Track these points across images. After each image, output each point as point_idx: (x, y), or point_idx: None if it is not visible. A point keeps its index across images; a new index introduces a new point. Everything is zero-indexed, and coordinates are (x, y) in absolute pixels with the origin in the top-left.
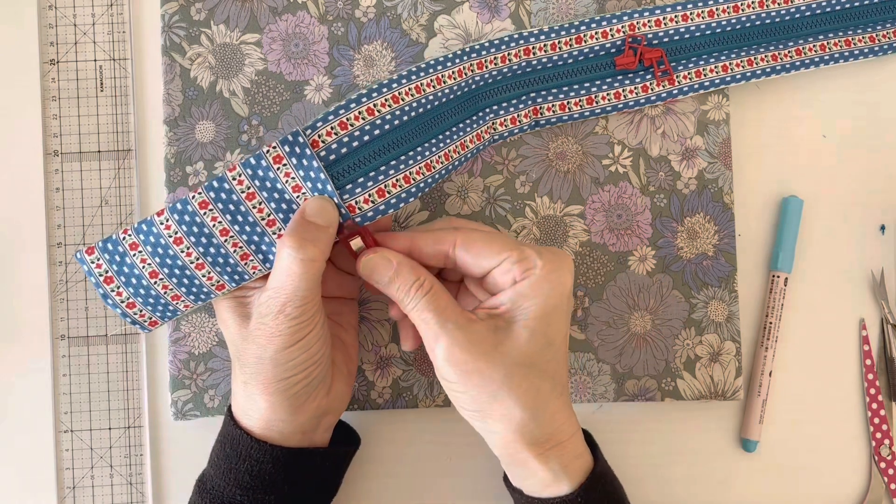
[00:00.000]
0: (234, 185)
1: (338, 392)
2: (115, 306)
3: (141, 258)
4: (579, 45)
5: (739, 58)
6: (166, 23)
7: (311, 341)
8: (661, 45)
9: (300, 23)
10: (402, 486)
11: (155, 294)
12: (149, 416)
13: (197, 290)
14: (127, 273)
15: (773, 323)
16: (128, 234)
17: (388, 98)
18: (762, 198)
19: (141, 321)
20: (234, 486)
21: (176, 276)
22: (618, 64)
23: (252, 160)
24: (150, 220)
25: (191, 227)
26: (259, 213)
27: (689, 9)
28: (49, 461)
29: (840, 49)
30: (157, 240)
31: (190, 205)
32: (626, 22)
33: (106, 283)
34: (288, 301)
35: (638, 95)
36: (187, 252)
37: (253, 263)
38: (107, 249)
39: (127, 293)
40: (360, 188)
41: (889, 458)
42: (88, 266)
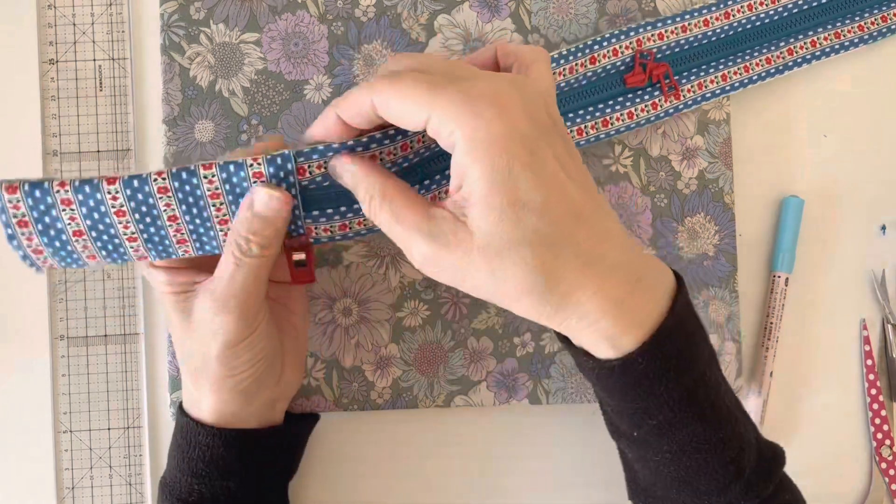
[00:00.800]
0: (203, 183)
1: (288, 379)
2: (20, 248)
3: (70, 216)
4: (594, 65)
5: (736, 65)
6: (165, 22)
7: (255, 340)
8: (664, 59)
9: (300, 22)
10: (402, 486)
11: (70, 249)
12: (148, 416)
13: (118, 256)
14: (47, 224)
15: (774, 323)
16: (65, 188)
17: (397, 148)
18: (763, 198)
19: (39, 265)
20: (189, 476)
21: (102, 241)
22: (628, 82)
23: (231, 168)
24: (97, 184)
25: (140, 206)
26: (217, 211)
27: (687, 19)
28: (48, 461)
29: (830, 43)
30: (97, 206)
31: (148, 186)
32: (632, 37)
33: (19, 225)
34: (231, 296)
35: (649, 113)
36: (125, 225)
37: (187, 248)
38: (32, 195)
39: (39, 241)
40: (326, 219)
41: (890, 459)
42: (3, 202)
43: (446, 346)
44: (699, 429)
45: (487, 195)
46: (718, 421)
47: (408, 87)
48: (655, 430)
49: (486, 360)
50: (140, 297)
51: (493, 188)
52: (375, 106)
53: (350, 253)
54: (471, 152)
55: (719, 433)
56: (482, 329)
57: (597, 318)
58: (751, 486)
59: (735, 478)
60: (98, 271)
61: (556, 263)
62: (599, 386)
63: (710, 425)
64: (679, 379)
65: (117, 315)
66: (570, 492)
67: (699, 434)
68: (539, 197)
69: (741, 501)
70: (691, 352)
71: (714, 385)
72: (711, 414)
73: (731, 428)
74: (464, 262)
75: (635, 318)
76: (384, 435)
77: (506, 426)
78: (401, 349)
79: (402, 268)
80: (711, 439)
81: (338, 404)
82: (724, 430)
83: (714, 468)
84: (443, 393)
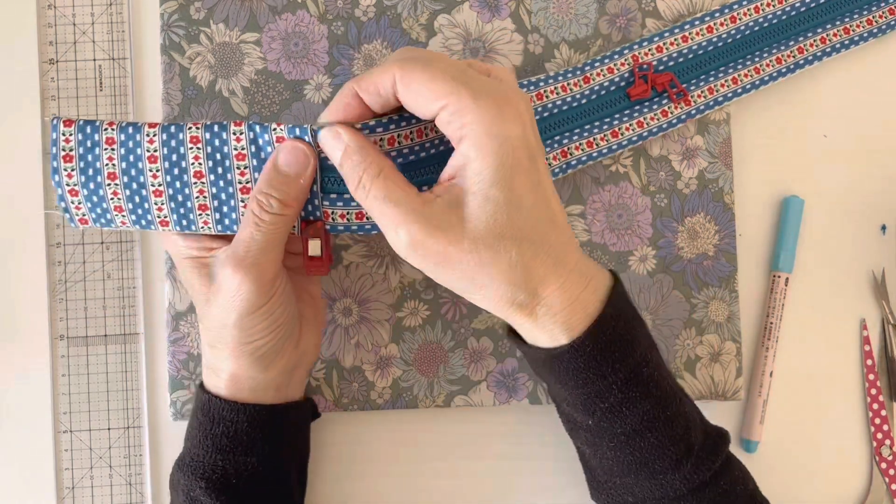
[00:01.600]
0: (232, 139)
1: (307, 343)
2: (59, 185)
3: (109, 156)
4: (588, 84)
5: (746, 67)
6: (165, 22)
7: (273, 306)
8: (667, 70)
9: (300, 22)
10: (402, 486)
11: (102, 195)
12: (148, 416)
13: (142, 214)
14: (89, 161)
15: (774, 323)
16: (112, 127)
17: (413, 132)
18: (763, 198)
19: (74, 211)
20: (213, 452)
21: (131, 190)
22: (632, 95)
23: (258, 128)
24: (139, 126)
25: (171, 153)
26: (240, 175)
27: (687, 29)
28: (48, 461)
29: (840, 38)
30: (135, 148)
31: (182, 133)
32: (627, 55)
33: (65, 160)
34: (249, 258)
35: (660, 121)
36: (154, 174)
37: (205, 218)
38: (83, 130)
39: (77, 179)
40: (343, 204)
41: (890, 459)
42: (58, 134)
43: (446, 346)
44: (647, 407)
45: (489, 188)
46: (665, 399)
47: (436, 70)
48: (608, 414)
49: (486, 360)
50: (140, 297)
51: (496, 183)
52: (397, 83)
53: (350, 253)
54: (483, 146)
55: (666, 411)
56: (482, 329)
57: (558, 310)
58: (701, 461)
59: (686, 454)
60: (98, 271)
61: (535, 261)
62: (554, 378)
63: (657, 403)
64: (624, 360)
65: (117, 315)
66: (570, 492)
67: (648, 412)
68: (530, 200)
69: (694, 475)
70: (631, 335)
71: (655, 366)
72: (657, 392)
73: (676, 406)
74: (451, 250)
75: (585, 310)
76: (384, 435)
77: (506, 426)
78: (401, 349)
79: (402, 268)
80: (660, 417)
81: (338, 404)
82: (671, 408)
83: (666, 446)
84: (443, 393)
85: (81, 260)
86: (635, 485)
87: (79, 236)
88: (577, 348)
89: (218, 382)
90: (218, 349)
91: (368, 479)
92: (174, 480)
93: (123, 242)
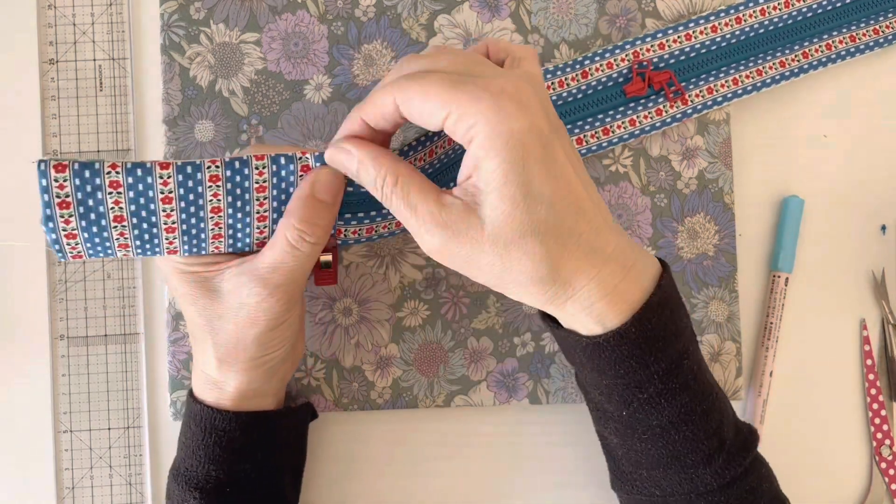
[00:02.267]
0: (254, 174)
1: (298, 352)
2: (53, 231)
3: (115, 200)
4: (586, 79)
5: (748, 69)
6: (165, 22)
7: (293, 320)
8: (667, 68)
9: (300, 22)
10: (402, 486)
11: (106, 236)
12: (148, 416)
13: (150, 247)
14: (90, 206)
15: (774, 323)
16: (116, 169)
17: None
18: (762, 198)
19: (69, 251)
20: (206, 463)
21: (140, 230)
22: (627, 92)
23: (283, 160)
24: (150, 167)
25: (188, 193)
26: (259, 206)
27: (692, 28)
28: (48, 461)
29: (846, 46)
30: (146, 190)
31: (201, 173)
32: (629, 50)
33: (60, 206)
34: (282, 283)
35: (653, 120)
36: (167, 214)
37: (218, 244)
38: (81, 176)
39: (77, 224)
40: (356, 222)
41: (890, 459)
42: (48, 181)
43: (446, 346)
44: (686, 399)
45: (502, 186)
46: (702, 392)
47: (430, 85)
48: (646, 405)
49: (486, 360)
50: (140, 297)
51: (507, 180)
52: (398, 105)
53: (350, 253)
54: (489, 145)
55: (703, 404)
56: (482, 329)
57: (592, 301)
58: (732, 456)
59: (718, 449)
60: (98, 271)
61: (562, 253)
62: (591, 366)
63: (694, 396)
64: (666, 350)
65: (117, 315)
66: (570, 492)
67: (686, 405)
68: (549, 190)
69: (725, 471)
70: (676, 325)
71: (696, 359)
72: (695, 385)
73: (712, 401)
74: (474, 252)
75: (625, 300)
76: (384, 435)
77: (506, 426)
78: (401, 349)
79: (401, 268)
80: (697, 410)
81: (338, 404)
82: (707, 402)
83: (700, 440)
84: (443, 393)
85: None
86: (664, 478)
87: None
88: (622, 335)
89: (221, 396)
90: (228, 364)
91: (368, 479)
92: (169, 490)
93: None
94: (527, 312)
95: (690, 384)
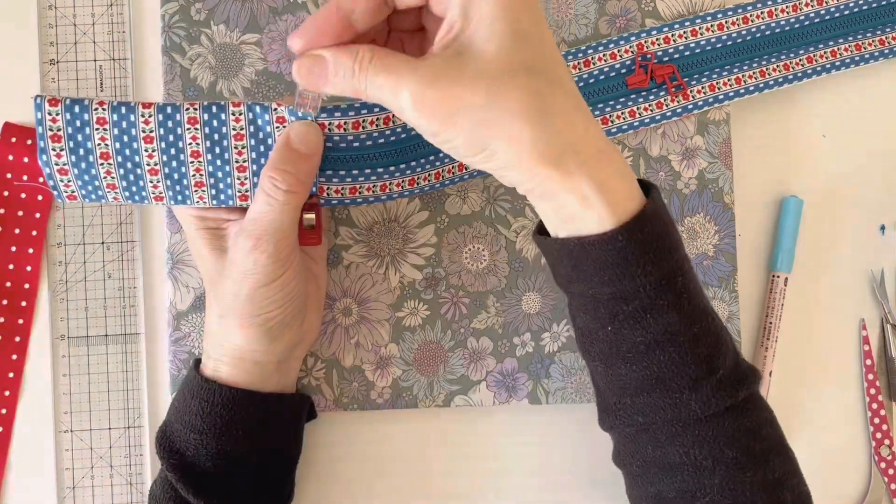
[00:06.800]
0: (231, 120)
1: (310, 321)
2: (47, 164)
3: (101, 136)
4: (588, 67)
5: (751, 69)
6: (166, 23)
7: (287, 280)
8: (671, 62)
9: (300, 23)
10: (402, 486)
11: (94, 174)
12: (149, 416)
13: (136, 191)
14: (79, 141)
15: (773, 323)
16: (103, 106)
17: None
18: (762, 198)
19: (63, 189)
20: (188, 430)
21: (125, 169)
22: (629, 83)
23: (258, 108)
24: (133, 106)
25: (168, 134)
26: (238, 154)
27: (698, 24)
28: (49, 461)
29: (850, 54)
30: (129, 128)
31: (180, 114)
32: (633, 42)
33: (52, 139)
34: (264, 234)
35: (653, 112)
36: (150, 154)
37: (201, 194)
38: (72, 110)
39: (67, 159)
40: (338, 180)
41: (889, 459)
42: (43, 114)
43: (446, 346)
44: (674, 319)
45: (493, 23)
46: (694, 315)
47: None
48: (630, 319)
49: (486, 359)
50: (141, 297)
51: (498, 17)
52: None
53: (350, 253)
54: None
55: (693, 328)
56: (482, 329)
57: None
58: (722, 386)
59: (707, 375)
60: (99, 271)
61: (552, 93)
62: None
63: (684, 317)
64: (658, 263)
65: (118, 315)
66: (570, 492)
67: (674, 324)
68: (537, 32)
69: (712, 399)
70: (671, 240)
71: (691, 279)
72: (688, 307)
73: (706, 325)
74: (456, 92)
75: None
76: (384, 435)
77: (506, 426)
78: (401, 349)
79: (401, 268)
80: (686, 332)
81: (338, 404)
82: (699, 326)
83: (687, 363)
84: (443, 393)
85: (82, 260)
86: (647, 404)
87: (80, 237)
88: (608, 240)
89: (219, 359)
90: (227, 319)
91: (368, 479)
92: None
93: (124, 242)
94: (526, 312)
95: (683, 305)
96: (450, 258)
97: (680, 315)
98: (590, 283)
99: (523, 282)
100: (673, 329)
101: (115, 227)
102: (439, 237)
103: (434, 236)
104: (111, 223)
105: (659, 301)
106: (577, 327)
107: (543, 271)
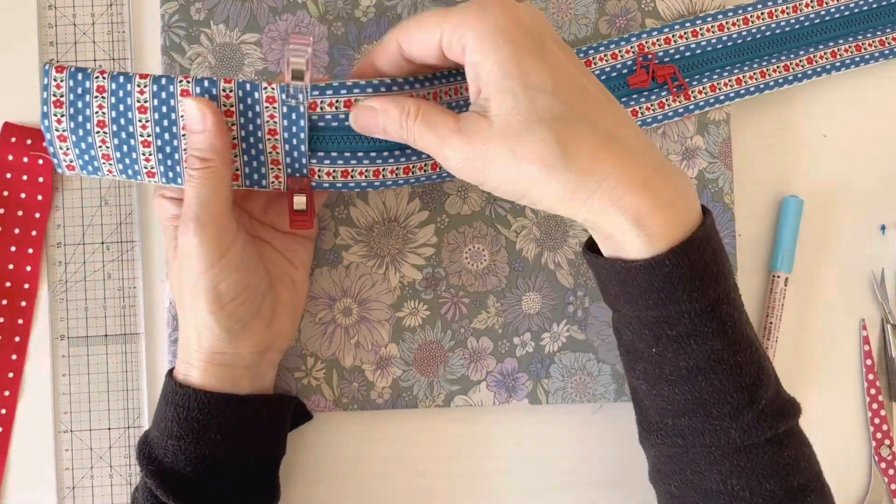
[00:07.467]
0: (221, 97)
1: (280, 326)
2: (48, 130)
3: (99, 104)
4: (589, 67)
5: (752, 70)
6: (166, 23)
7: (231, 265)
8: (672, 62)
9: (300, 22)
10: (402, 487)
11: (90, 142)
12: (148, 416)
13: (129, 163)
14: (79, 108)
15: (774, 323)
16: (104, 75)
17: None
18: (762, 198)
19: (62, 157)
20: (166, 437)
21: (119, 139)
22: (631, 83)
23: (248, 86)
24: (131, 76)
25: (161, 105)
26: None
27: (699, 25)
28: (49, 461)
29: (851, 55)
30: (125, 97)
31: (174, 86)
32: (634, 43)
33: (55, 105)
34: (194, 216)
35: (655, 112)
36: (143, 124)
37: None
38: (75, 77)
39: (66, 125)
40: (330, 161)
41: (889, 459)
42: (49, 79)
43: (446, 346)
44: (718, 346)
45: (501, 82)
46: (738, 343)
47: (424, 17)
48: (674, 343)
49: (486, 360)
50: (140, 297)
51: (505, 74)
52: (400, 44)
53: (350, 253)
54: (480, 47)
55: (737, 356)
56: (482, 329)
57: (622, 193)
58: (763, 417)
59: (749, 405)
60: (99, 271)
61: (573, 136)
62: (625, 297)
63: (728, 345)
64: (704, 290)
65: (118, 315)
66: (570, 492)
67: (717, 352)
68: (549, 80)
69: (752, 429)
70: (719, 268)
71: (738, 308)
72: (732, 334)
73: (749, 355)
74: (488, 149)
75: (660, 198)
76: (384, 435)
77: (506, 426)
78: (401, 349)
79: (401, 268)
80: (729, 360)
81: (338, 404)
82: (743, 354)
83: (729, 391)
84: (443, 393)
85: (82, 260)
86: (688, 427)
87: (80, 237)
88: (655, 264)
89: (189, 362)
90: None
91: (368, 479)
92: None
93: (124, 242)
94: (526, 312)
95: (727, 332)
96: (450, 258)
97: (724, 342)
98: (635, 305)
99: (523, 282)
100: (716, 356)
101: (115, 227)
102: (439, 237)
103: (434, 236)
104: (111, 223)
105: (703, 328)
106: (623, 344)
107: (543, 271)
